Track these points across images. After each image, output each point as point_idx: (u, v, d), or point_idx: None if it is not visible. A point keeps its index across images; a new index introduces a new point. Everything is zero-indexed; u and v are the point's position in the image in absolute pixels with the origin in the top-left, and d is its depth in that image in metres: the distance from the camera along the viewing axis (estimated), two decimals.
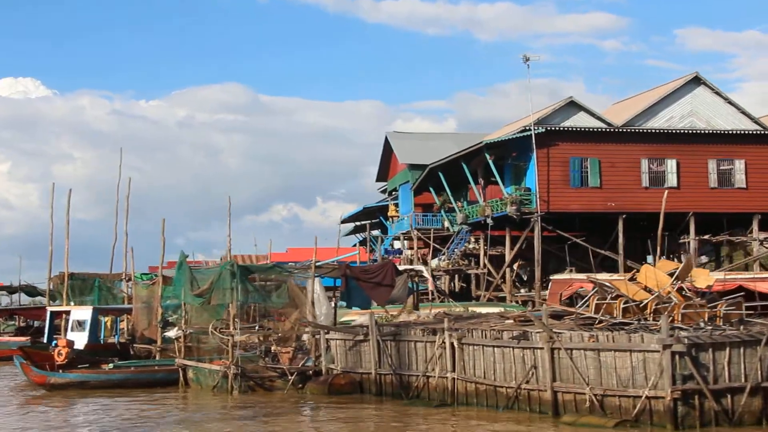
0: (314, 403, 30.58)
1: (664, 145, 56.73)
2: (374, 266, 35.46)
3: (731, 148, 57.22)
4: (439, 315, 34.97)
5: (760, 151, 57.82)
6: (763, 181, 57.24)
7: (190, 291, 34.88)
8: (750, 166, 57.41)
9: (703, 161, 57.12)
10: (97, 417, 29.28)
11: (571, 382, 24.99)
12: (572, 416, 24.54)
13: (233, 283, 32.85)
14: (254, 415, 28.52)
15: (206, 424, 27.73)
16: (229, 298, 33.34)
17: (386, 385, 31.08)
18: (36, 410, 31.92)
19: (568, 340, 25.17)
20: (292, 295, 33.81)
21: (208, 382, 34.10)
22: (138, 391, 34.50)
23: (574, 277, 38.35)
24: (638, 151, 56.59)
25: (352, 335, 32.31)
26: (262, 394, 32.78)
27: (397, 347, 30.57)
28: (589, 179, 55.92)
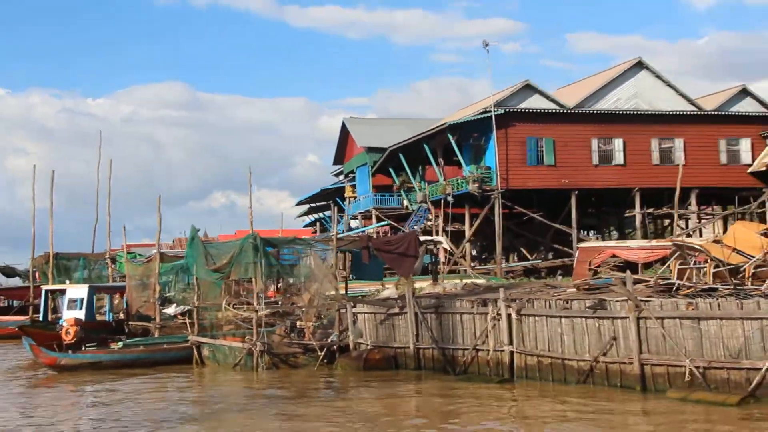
0: (355, 380, 24.62)
1: (611, 125, 52.68)
2: (397, 237, 29.65)
3: (671, 128, 53.41)
4: (467, 287, 29.22)
5: (697, 130, 53.93)
6: (700, 158, 53.34)
7: (205, 266, 28.65)
8: (688, 144, 53.59)
9: (647, 140, 53.24)
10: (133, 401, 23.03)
11: (663, 354, 19.54)
12: (679, 391, 18.93)
13: (256, 257, 26.77)
14: (300, 395, 22.65)
15: (264, 409, 21.59)
16: (252, 273, 27.22)
17: (425, 360, 25.35)
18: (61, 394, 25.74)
19: (658, 308, 19.68)
20: (313, 268, 27.74)
21: (228, 360, 27.95)
22: (153, 371, 28.36)
23: (605, 244, 32.89)
24: (588, 131, 52.37)
25: (385, 308, 26.41)
26: (287, 371, 26.83)
27: (439, 320, 24.84)
28: (545, 158, 51.67)
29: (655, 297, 20.51)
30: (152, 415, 20.39)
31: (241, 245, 27.26)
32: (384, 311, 26.29)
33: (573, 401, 19.91)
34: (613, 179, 52.23)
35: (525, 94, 53.79)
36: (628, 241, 41.01)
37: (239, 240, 28.93)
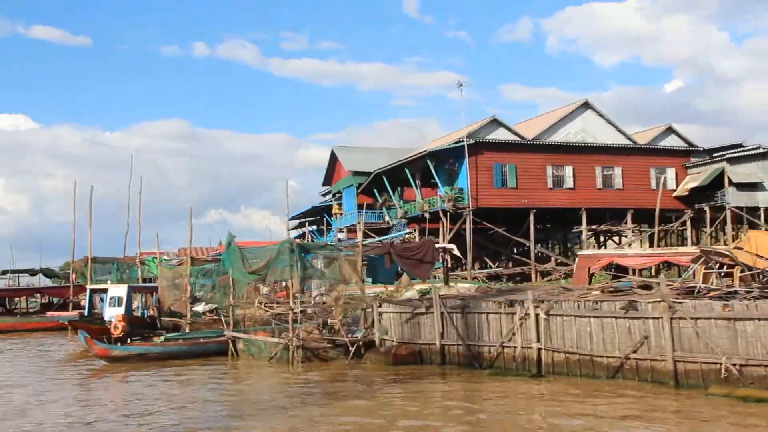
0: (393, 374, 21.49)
1: (563, 155, 50.55)
2: (415, 244, 26.69)
3: (611, 158, 51.52)
4: (481, 289, 26.28)
5: (632, 160, 52.21)
6: (634, 184, 51.44)
7: (243, 269, 25.38)
8: (625, 172, 51.72)
9: (592, 168, 51.08)
10: (188, 390, 19.80)
11: (696, 352, 16.77)
12: (721, 387, 16.14)
13: (292, 259, 23.59)
14: (348, 390, 19.49)
15: (325, 403, 18.43)
16: (288, 275, 24.01)
17: (450, 355, 22.27)
18: (124, 382, 22.41)
19: (692, 309, 16.94)
20: (342, 270, 24.58)
21: (263, 354, 24.72)
22: (193, 362, 25.03)
23: (603, 252, 30.16)
24: (544, 160, 50.23)
25: (411, 308, 23.34)
26: (318, 364, 23.63)
27: (465, 319, 21.83)
28: (508, 181, 49.41)
29: (680, 298, 17.79)
30: (231, 408, 17.36)
31: (279, 250, 24.10)
32: (410, 311, 23.24)
33: (628, 394, 17.09)
34: (565, 200, 50.11)
35: (492, 127, 51.91)
36: (626, 249, 38.57)
37: (276, 245, 25.75)
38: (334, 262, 24.61)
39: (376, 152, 62.81)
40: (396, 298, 25.20)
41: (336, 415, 15.88)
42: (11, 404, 18.42)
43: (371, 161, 59.40)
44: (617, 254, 26.39)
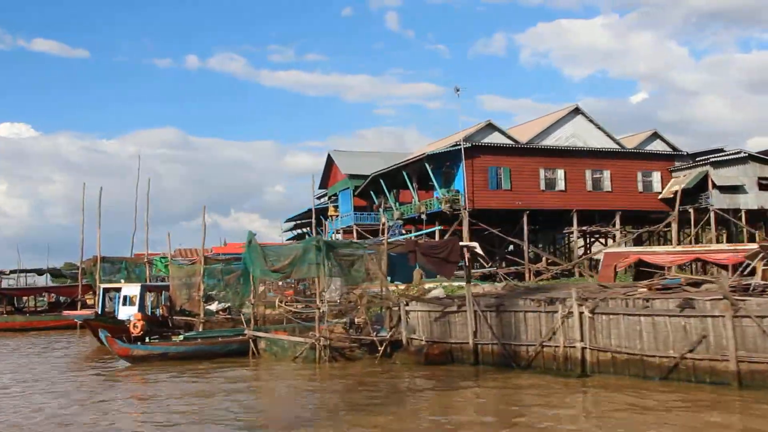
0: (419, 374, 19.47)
1: (555, 158, 48.83)
2: (441, 243, 24.59)
3: (601, 162, 49.92)
4: (508, 287, 24.25)
5: (620, 164, 50.52)
6: (622, 186, 49.79)
7: (265, 266, 23.18)
8: (613, 175, 49.98)
9: (582, 171, 49.28)
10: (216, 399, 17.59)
11: (762, 352, 14.93)
12: None
13: (319, 258, 21.44)
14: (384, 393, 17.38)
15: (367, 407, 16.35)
16: (314, 272, 21.85)
17: (484, 355, 20.27)
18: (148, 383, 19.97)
19: (755, 307, 15.07)
20: (367, 269, 22.47)
21: (286, 353, 22.57)
22: (214, 362, 22.83)
23: (630, 249, 28.12)
24: (537, 163, 48.50)
25: (442, 306, 21.28)
26: (345, 364, 21.51)
27: (500, 318, 19.83)
28: (503, 183, 47.59)
29: (737, 296, 15.91)
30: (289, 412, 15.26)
31: (305, 247, 21.94)
32: (440, 309, 21.20)
33: (690, 398, 15.18)
34: (557, 202, 48.41)
35: (487, 131, 50.10)
36: (654, 246, 36.72)
37: (301, 242, 23.65)
38: (359, 260, 22.48)
39: (371, 156, 60.79)
40: (424, 297, 23.02)
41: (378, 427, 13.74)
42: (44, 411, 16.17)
43: (366, 165, 57.43)
44: (645, 252, 24.50)
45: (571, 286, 22.12)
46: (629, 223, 52.56)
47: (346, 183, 58.50)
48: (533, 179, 48.33)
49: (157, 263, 39.13)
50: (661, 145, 53.79)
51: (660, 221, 51.80)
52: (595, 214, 50.26)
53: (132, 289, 30.69)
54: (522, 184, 47.85)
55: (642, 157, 51.48)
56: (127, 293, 30.61)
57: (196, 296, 29.99)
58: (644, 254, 23.86)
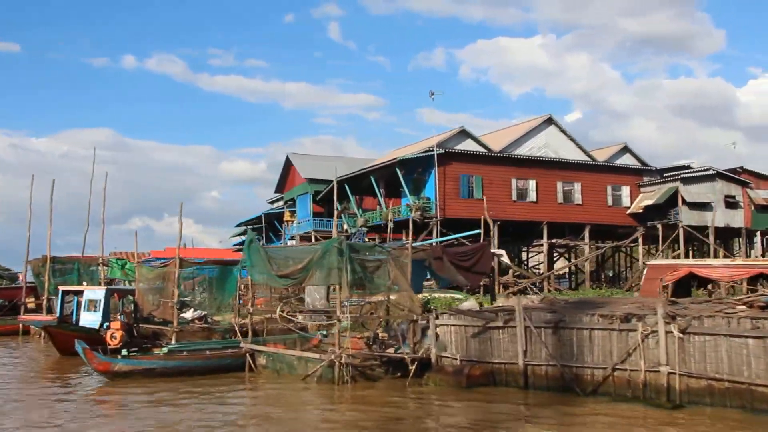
0: (463, 401, 16.32)
1: (527, 168, 46.53)
2: (469, 249, 21.42)
3: (572, 174, 47.94)
4: (546, 300, 21.25)
5: (591, 177, 48.46)
6: (592, 200, 47.85)
7: (270, 271, 19.68)
8: (584, 188, 47.90)
9: (554, 183, 47.11)
10: None
11: None
12: None
13: (340, 262, 18.13)
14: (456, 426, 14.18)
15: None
16: (335, 279, 18.47)
17: (536, 378, 17.20)
18: None
19: None
20: (392, 276, 19.24)
21: (294, 371, 19.08)
22: (206, 379, 19.18)
23: (680, 262, 25.38)
24: (509, 172, 46.16)
25: (483, 321, 18.15)
26: (366, 386, 18.14)
27: (558, 336, 16.85)
28: (474, 192, 44.90)
29: None
30: None
31: (324, 249, 18.53)
32: (480, 324, 18.10)
33: None
34: (528, 213, 46.11)
35: (460, 138, 47.50)
36: (708, 259, 34.26)
37: (318, 244, 20.30)
38: (382, 266, 19.23)
39: (332, 160, 57.39)
40: (462, 309, 19.82)
41: None
42: None
43: (327, 169, 54.06)
44: (698, 265, 22.01)
45: (621, 300, 19.36)
46: (596, 238, 50.68)
47: (306, 187, 55.00)
48: (505, 189, 45.96)
49: (112, 265, 34.99)
50: (630, 160, 52.20)
51: (627, 236, 50.16)
52: (565, 226, 48.23)
53: (96, 293, 26.66)
54: (494, 194, 45.33)
55: (612, 170, 49.68)
56: (91, 297, 26.56)
57: (169, 302, 26.24)
58: (697, 267, 21.33)
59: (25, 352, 27.72)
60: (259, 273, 20.19)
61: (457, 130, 46.97)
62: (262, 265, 20.03)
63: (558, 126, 49.33)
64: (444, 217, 43.50)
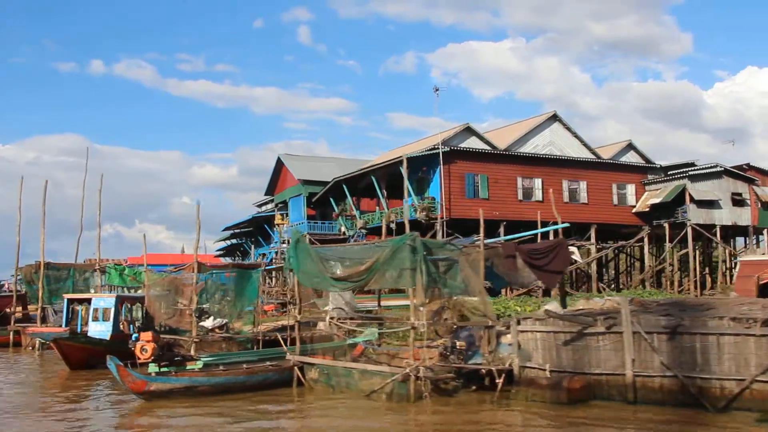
0: (574, 423, 13.91)
1: (533, 167, 44.67)
2: (545, 245, 18.90)
3: (577, 172, 46.23)
4: (635, 302, 18.80)
5: (596, 175, 46.87)
6: (598, 199, 46.04)
7: (324, 273, 17.10)
8: (589, 186, 46.01)
9: (559, 181, 45.06)
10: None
11: None
12: None
13: (414, 262, 15.62)
14: None
15: None
16: (408, 282, 15.90)
17: (647, 390, 14.71)
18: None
19: None
20: (464, 276, 16.77)
21: (355, 386, 16.49)
22: (251, 397, 16.53)
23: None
24: (515, 171, 44.25)
25: (579, 326, 15.73)
26: (447, 401, 15.57)
27: (676, 342, 14.44)
28: (480, 192, 42.80)
29: None
30: None
31: (395, 247, 15.99)
32: (574, 330, 15.69)
33: None
34: (534, 213, 43.72)
35: (464, 135, 45.01)
36: None
37: (388, 241, 17.77)
38: (454, 266, 16.77)
39: (325, 161, 54.94)
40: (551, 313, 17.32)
41: None
42: None
43: (322, 170, 51.61)
44: None
45: (723, 300, 17.13)
46: (601, 238, 48.76)
47: (299, 189, 52.25)
48: (511, 188, 43.97)
49: (110, 271, 32.02)
50: (635, 157, 50.43)
51: (632, 236, 48.39)
52: (572, 226, 46.28)
53: (105, 301, 23.76)
54: (499, 193, 43.40)
55: (617, 168, 47.96)
56: (99, 306, 23.66)
57: (187, 311, 23.51)
58: None
59: (24, 367, 24.69)
60: (309, 276, 17.55)
61: (461, 128, 44.65)
62: (312, 266, 17.41)
63: (562, 123, 47.33)
64: (450, 217, 41.26)
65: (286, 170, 54.40)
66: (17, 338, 30.49)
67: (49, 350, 28.45)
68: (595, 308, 17.68)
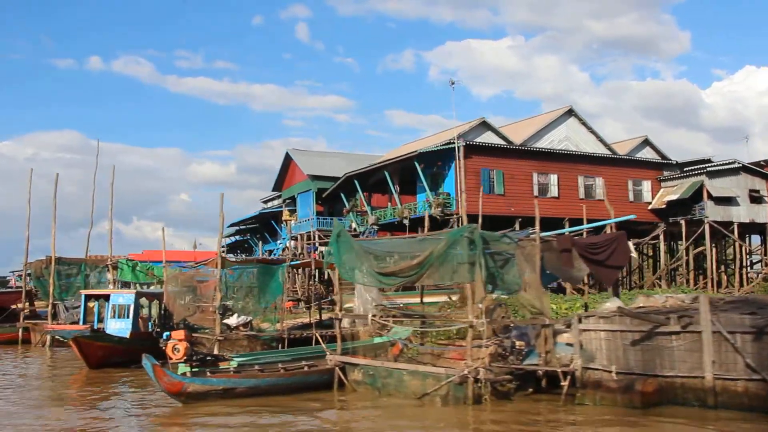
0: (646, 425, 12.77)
1: (548, 162, 43.64)
2: (603, 239, 17.59)
3: (594, 168, 45.19)
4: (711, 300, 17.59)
5: (612, 171, 45.82)
6: (614, 195, 44.73)
7: (371, 268, 15.90)
8: (606, 182, 44.86)
9: (575, 177, 44.15)
10: None
11: None
12: None
13: (472, 255, 14.44)
14: None
15: None
16: (465, 277, 14.69)
17: (729, 395, 13.48)
18: None
19: None
20: (520, 271, 15.57)
21: (403, 389, 15.28)
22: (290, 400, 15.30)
23: None
24: (531, 167, 43.26)
25: (650, 324, 14.56)
26: (503, 405, 14.34)
27: (765, 343, 13.34)
28: (495, 188, 41.76)
29: None
30: None
31: (451, 239, 14.78)
32: (645, 329, 14.52)
33: None
34: (550, 209, 42.70)
35: (480, 130, 43.89)
36: None
37: (442, 233, 16.58)
38: (510, 261, 15.59)
39: (334, 156, 53.74)
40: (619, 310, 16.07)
41: None
42: None
43: (330, 165, 50.41)
44: None
45: None
46: None
47: (308, 185, 51.01)
48: (526, 184, 42.89)
49: (122, 266, 30.73)
50: (651, 153, 49.31)
51: (646, 234, 47.32)
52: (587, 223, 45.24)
53: (124, 297, 22.49)
54: (515, 189, 42.33)
55: (633, 164, 46.90)
56: (119, 302, 22.38)
57: (210, 307, 22.33)
58: None
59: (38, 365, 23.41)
60: (353, 270, 16.33)
61: (477, 122, 43.55)
62: (356, 260, 16.19)
63: (578, 118, 46.26)
64: (465, 213, 40.08)
65: (295, 165, 53.14)
66: (26, 335, 29.22)
67: (60, 348, 27.28)
68: (656, 306, 16.51)
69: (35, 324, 29.41)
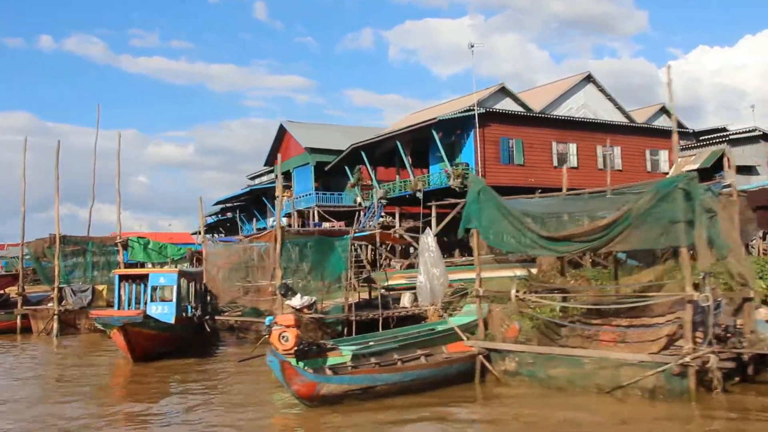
0: None
1: (567, 131, 40.84)
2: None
3: (612, 137, 42.00)
4: None
5: (630, 140, 43.13)
6: (632, 165, 42.64)
7: (532, 231, 12.63)
8: (624, 152, 42.55)
9: (593, 146, 41.36)
10: None
11: None
12: None
13: (688, 212, 11.23)
14: None
15: None
16: (679, 240, 11.28)
17: None
18: None
19: None
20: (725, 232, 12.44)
21: (582, 381, 12.14)
22: (434, 397, 12.09)
23: None
24: (550, 135, 40.38)
25: None
26: (718, 400, 11.27)
27: None
28: (515, 157, 38.87)
29: None
30: None
31: (661, 193, 11.56)
32: None
33: None
34: (569, 180, 39.92)
35: (499, 97, 41.13)
36: None
37: (640, 185, 13.48)
38: (714, 219, 12.42)
39: (330, 129, 50.15)
40: None
41: None
42: None
43: (328, 138, 46.90)
44: None
45: None
46: None
47: (305, 158, 47.31)
48: (545, 153, 40.11)
49: (133, 245, 26.96)
50: (667, 122, 47.13)
51: None
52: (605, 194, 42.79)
53: (166, 278, 18.83)
54: (534, 159, 39.55)
55: (650, 133, 44.51)
56: (159, 283, 18.72)
57: (269, 287, 18.93)
58: None
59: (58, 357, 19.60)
60: (503, 235, 13.07)
61: (495, 88, 40.65)
62: (508, 224, 12.95)
63: (597, 84, 43.71)
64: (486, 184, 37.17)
65: (290, 138, 49.32)
66: (25, 323, 25.31)
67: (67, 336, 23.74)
68: None
69: (35, 310, 25.51)
